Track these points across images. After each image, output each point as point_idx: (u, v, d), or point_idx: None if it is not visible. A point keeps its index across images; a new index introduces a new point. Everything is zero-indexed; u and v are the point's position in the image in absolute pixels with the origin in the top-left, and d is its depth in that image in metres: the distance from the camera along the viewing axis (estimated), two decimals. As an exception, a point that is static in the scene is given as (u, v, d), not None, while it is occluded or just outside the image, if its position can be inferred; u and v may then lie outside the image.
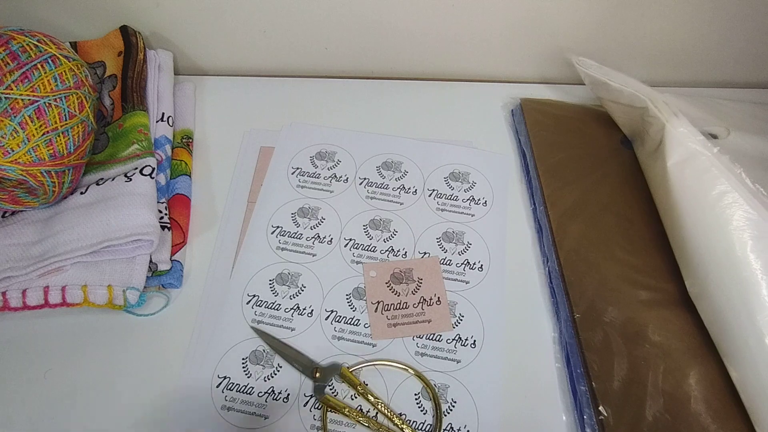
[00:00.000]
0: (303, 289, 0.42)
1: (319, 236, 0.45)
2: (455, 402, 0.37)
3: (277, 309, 0.41)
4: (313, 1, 0.49)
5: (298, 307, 0.41)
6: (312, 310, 0.41)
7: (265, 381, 0.38)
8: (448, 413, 0.37)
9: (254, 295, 0.42)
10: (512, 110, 0.53)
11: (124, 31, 0.50)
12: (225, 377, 0.38)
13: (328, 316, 0.41)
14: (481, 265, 0.43)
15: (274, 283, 0.42)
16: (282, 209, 0.46)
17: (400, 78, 0.56)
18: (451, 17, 0.50)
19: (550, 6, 0.48)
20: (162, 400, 0.37)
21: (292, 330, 0.40)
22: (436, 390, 0.38)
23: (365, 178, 0.48)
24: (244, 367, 0.38)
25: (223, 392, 0.37)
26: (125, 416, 0.37)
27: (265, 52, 0.54)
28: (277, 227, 0.45)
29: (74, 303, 0.38)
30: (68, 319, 0.40)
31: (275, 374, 0.38)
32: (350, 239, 0.45)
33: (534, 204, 0.46)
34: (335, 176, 0.48)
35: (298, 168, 0.48)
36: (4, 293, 0.38)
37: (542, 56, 0.54)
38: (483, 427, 0.37)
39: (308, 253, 0.44)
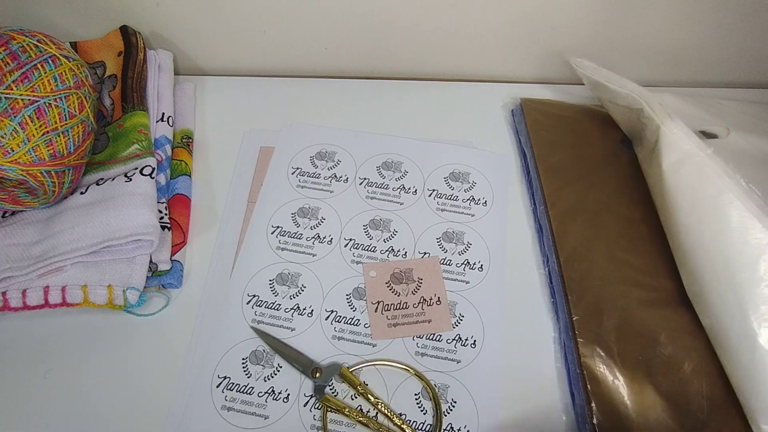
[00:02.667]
0: (303, 289, 0.42)
1: (319, 236, 0.45)
2: (455, 402, 0.37)
3: (277, 309, 0.41)
4: (313, 1, 0.49)
5: (298, 307, 0.41)
6: (312, 310, 0.41)
7: (265, 381, 0.38)
8: (448, 413, 0.37)
9: (254, 295, 0.41)
10: (512, 110, 0.53)
11: (124, 31, 0.50)
12: (225, 377, 0.38)
13: (328, 316, 0.41)
14: (481, 265, 0.43)
15: (274, 283, 0.42)
16: (282, 209, 0.46)
17: (400, 78, 0.56)
18: (452, 17, 0.50)
19: (550, 6, 0.48)
20: (162, 399, 0.37)
21: (292, 330, 0.40)
22: (436, 390, 0.38)
23: (365, 178, 0.48)
24: (244, 367, 0.38)
25: (223, 392, 0.37)
26: (125, 416, 0.37)
27: (265, 52, 0.54)
28: (277, 227, 0.45)
29: (74, 303, 0.38)
30: (68, 319, 0.40)
31: (275, 374, 0.38)
32: (350, 239, 0.45)
33: (534, 204, 0.46)
34: (335, 176, 0.48)
35: (298, 168, 0.48)
36: (4, 293, 0.38)
37: (542, 56, 0.54)
38: (483, 427, 0.37)
39: (308, 253, 0.44)
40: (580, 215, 0.44)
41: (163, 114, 0.48)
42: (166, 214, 0.43)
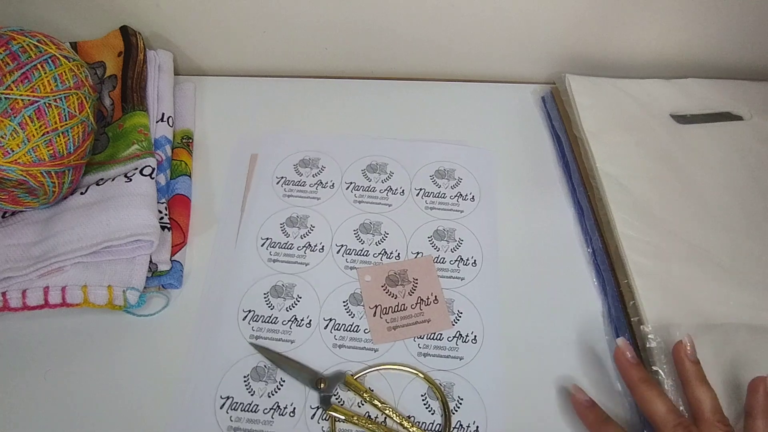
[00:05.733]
0: (299, 299, 0.41)
1: (310, 245, 0.44)
2: (462, 399, 0.37)
3: (274, 322, 0.40)
4: (314, 1, 0.49)
5: (295, 319, 0.40)
6: (310, 321, 0.40)
7: (269, 397, 0.37)
8: (456, 411, 0.37)
9: (250, 311, 0.41)
10: (542, 97, 0.53)
11: (124, 31, 0.50)
12: (228, 397, 0.37)
13: (327, 325, 0.40)
14: (475, 261, 0.43)
15: (269, 296, 0.41)
16: (270, 220, 0.45)
17: (400, 78, 0.55)
18: (452, 18, 0.50)
19: (552, 5, 0.48)
20: (162, 400, 0.37)
21: (291, 342, 0.40)
22: (443, 389, 0.37)
23: (351, 182, 0.47)
24: (246, 385, 0.38)
25: (227, 413, 0.37)
26: (125, 416, 0.37)
27: (265, 52, 0.54)
28: (267, 239, 0.44)
29: (74, 303, 0.38)
30: (68, 319, 0.40)
31: (279, 389, 0.38)
32: (342, 245, 0.44)
33: (573, 185, 0.47)
34: (321, 183, 0.47)
35: (282, 177, 0.48)
36: (4, 293, 0.38)
37: (542, 56, 0.54)
38: (491, 421, 0.36)
39: (301, 263, 0.43)
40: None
41: (163, 114, 0.48)
42: (166, 215, 0.43)
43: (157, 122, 0.47)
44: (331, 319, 0.41)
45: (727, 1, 0.48)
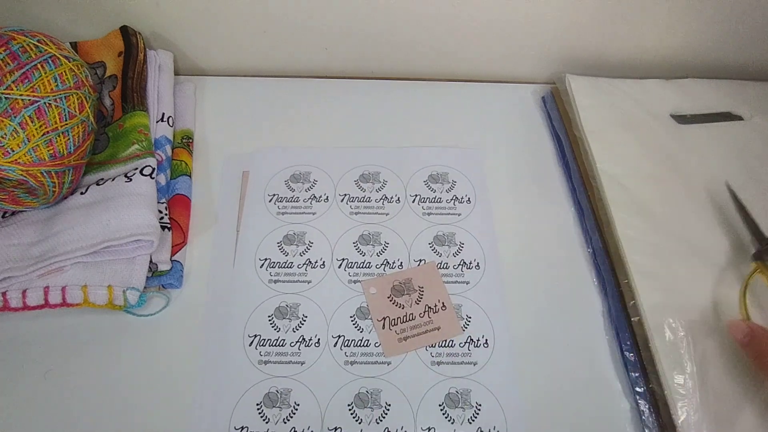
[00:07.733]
0: (305, 319, 0.40)
1: (310, 261, 0.43)
2: (480, 405, 0.37)
3: (282, 345, 0.39)
4: (314, 1, 0.49)
5: (303, 339, 0.40)
6: (318, 339, 0.40)
7: (285, 423, 0.36)
8: (475, 418, 0.36)
9: (255, 335, 0.40)
10: (543, 97, 0.53)
11: (125, 31, 0.50)
12: (242, 427, 0.36)
13: (336, 342, 0.40)
14: (478, 263, 0.43)
15: (274, 318, 0.40)
16: (267, 240, 0.44)
17: (399, 78, 0.55)
18: (452, 18, 0.50)
19: (552, 6, 0.48)
20: (161, 403, 0.37)
21: (302, 364, 0.38)
22: (459, 396, 0.37)
23: (345, 194, 0.47)
24: (260, 414, 0.36)
25: (245, 443, 0.36)
26: (126, 417, 0.37)
27: (266, 52, 0.54)
28: (265, 259, 0.43)
29: (74, 303, 0.38)
30: (68, 319, 0.40)
31: (294, 414, 0.37)
32: (343, 259, 0.43)
33: (573, 185, 0.47)
34: (314, 197, 0.47)
35: (274, 194, 0.46)
36: (4, 293, 0.38)
37: (542, 56, 0.54)
38: (511, 426, 0.36)
39: (303, 281, 0.42)
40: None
41: (163, 114, 0.48)
42: (166, 215, 0.43)
43: (157, 122, 0.47)
44: (339, 336, 0.40)
45: (727, 1, 0.48)
